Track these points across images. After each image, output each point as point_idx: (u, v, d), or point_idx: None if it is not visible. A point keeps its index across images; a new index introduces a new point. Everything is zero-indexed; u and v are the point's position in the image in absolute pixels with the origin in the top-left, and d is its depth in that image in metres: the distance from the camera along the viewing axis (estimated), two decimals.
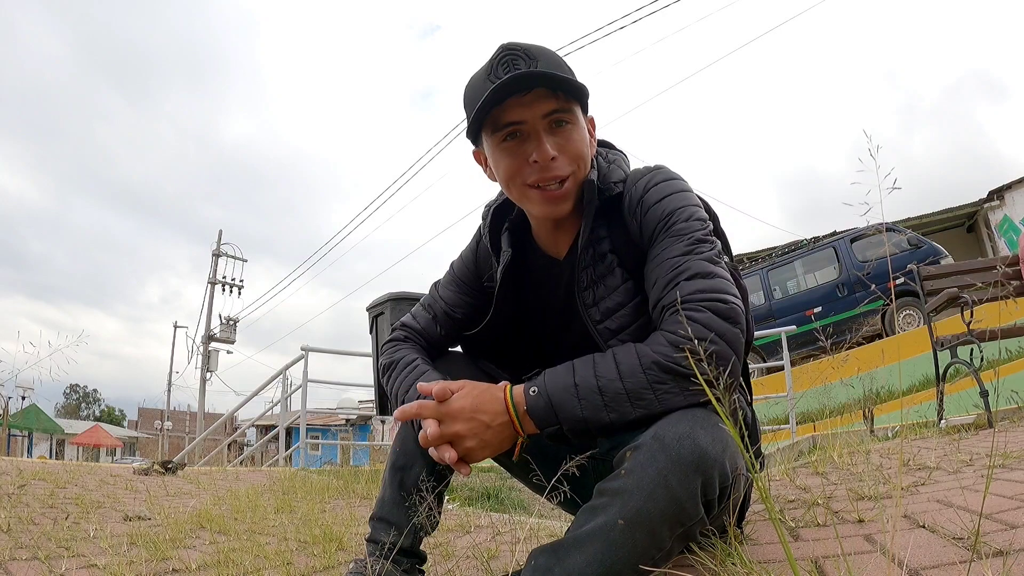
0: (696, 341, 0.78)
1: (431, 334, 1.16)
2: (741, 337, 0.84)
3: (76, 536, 1.60)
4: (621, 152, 1.09)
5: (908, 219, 12.67)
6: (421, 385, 0.92)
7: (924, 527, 1.02)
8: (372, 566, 1.01)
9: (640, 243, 0.97)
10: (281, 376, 5.87)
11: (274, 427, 6.31)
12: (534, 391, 0.85)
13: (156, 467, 3.48)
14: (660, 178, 0.97)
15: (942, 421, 2.91)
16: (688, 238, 0.90)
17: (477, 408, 0.86)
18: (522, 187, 0.95)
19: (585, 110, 0.98)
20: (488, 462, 1.07)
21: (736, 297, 0.86)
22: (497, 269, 1.08)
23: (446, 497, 1.30)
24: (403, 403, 0.99)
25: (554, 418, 0.84)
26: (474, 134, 0.98)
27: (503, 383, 0.89)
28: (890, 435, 3.02)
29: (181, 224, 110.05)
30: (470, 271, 1.17)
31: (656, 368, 0.81)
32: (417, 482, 1.04)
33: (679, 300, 0.84)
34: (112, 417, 44.24)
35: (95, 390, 50.48)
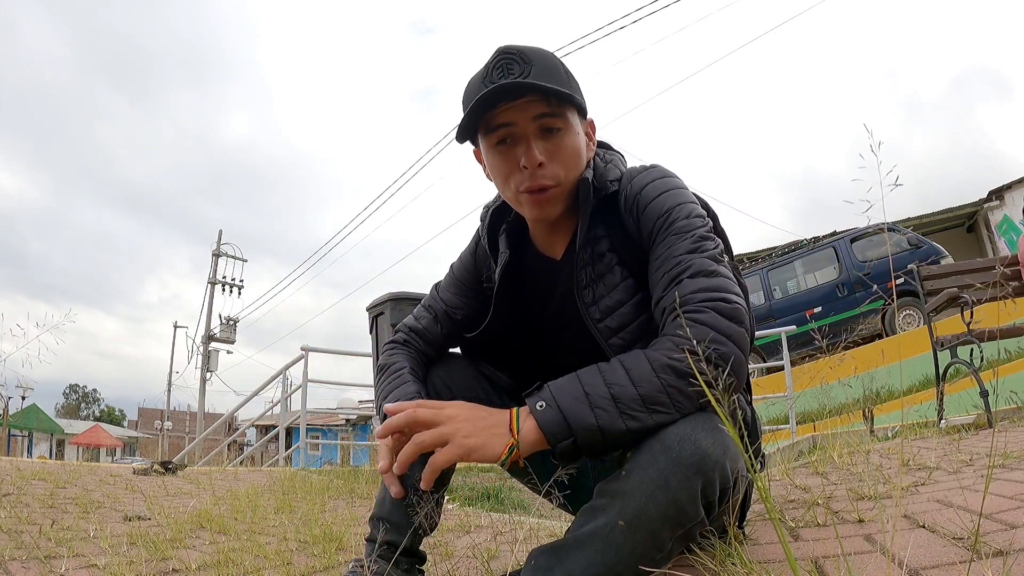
0: (701, 343, 0.77)
1: (432, 335, 1.16)
2: (747, 336, 0.82)
3: (76, 536, 1.60)
4: (618, 152, 1.09)
5: (908, 219, 12.68)
6: (388, 407, 0.87)
7: (924, 527, 1.02)
8: (371, 566, 1.01)
9: (639, 241, 0.97)
10: (281, 376, 5.88)
11: (274, 427, 6.31)
12: (541, 405, 0.79)
13: (156, 467, 3.48)
14: (656, 175, 0.98)
15: (942, 421, 2.91)
16: (691, 235, 0.90)
17: (472, 408, 0.83)
18: (514, 191, 0.96)
19: (583, 113, 0.98)
20: None
21: (739, 296, 0.85)
22: (496, 270, 1.08)
23: (446, 497, 1.30)
24: (379, 410, 0.98)
25: (567, 431, 0.77)
26: (470, 136, 0.99)
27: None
28: (890, 435, 3.02)
29: (181, 224, 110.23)
30: (469, 272, 1.17)
31: (670, 372, 0.77)
32: (416, 482, 1.04)
33: (682, 300, 0.83)
34: (112, 417, 44.27)
35: (95, 390, 50.59)
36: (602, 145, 1.10)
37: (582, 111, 0.98)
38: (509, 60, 0.91)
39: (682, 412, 0.77)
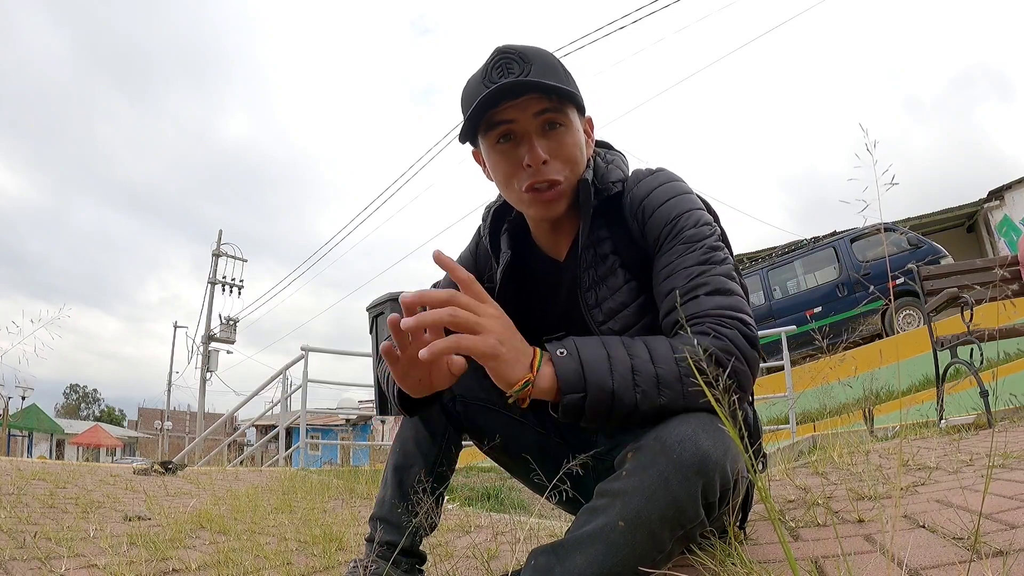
0: (724, 354, 0.78)
1: None
2: (758, 362, 0.84)
3: (76, 536, 1.60)
4: (620, 152, 1.09)
5: (908, 219, 12.66)
6: (405, 298, 0.77)
7: (924, 527, 1.02)
8: (371, 566, 1.01)
9: (643, 245, 0.96)
10: (281, 376, 5.88)
11: (274, 427, 6.31)
12: (562, 352, 0.79)
13: (156, 467, 3.48)
14: (663, 180, 0.97)
15: (942, 421, 2.91)
16: (701, 246, 0.90)
17: (509, 327, 0.80)
18: (517, 191, 0.96)
19: (582, 111, 0.98)
20: (488, 462, 1.07)
21: (752, 318, 0.86)
22: (496, 271, 1.08)
23: (446, 497, 1.30)
24: (394, 387, 0.96)
25: (582, 384, 0.77)
26: (470, 136, 0.99)
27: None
28: (890, 435, 3.03)
29: (181, 224, 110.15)
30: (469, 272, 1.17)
31: (687, 363, 0.78)
32: (416, 482, 1.04)
33: (702, 313, 0.84)
34: (112, 417, 44.21)
35: (95, 390, 50.54)
36: (603, 145, 1.10)
37: (581, 109, 0.98)
38: (508, 60, 0.91)
39: (688, 402, 0.77)
